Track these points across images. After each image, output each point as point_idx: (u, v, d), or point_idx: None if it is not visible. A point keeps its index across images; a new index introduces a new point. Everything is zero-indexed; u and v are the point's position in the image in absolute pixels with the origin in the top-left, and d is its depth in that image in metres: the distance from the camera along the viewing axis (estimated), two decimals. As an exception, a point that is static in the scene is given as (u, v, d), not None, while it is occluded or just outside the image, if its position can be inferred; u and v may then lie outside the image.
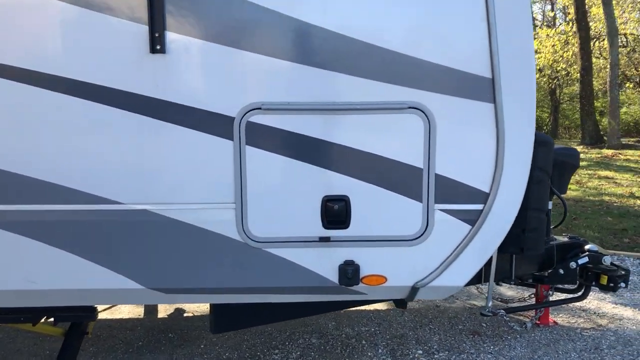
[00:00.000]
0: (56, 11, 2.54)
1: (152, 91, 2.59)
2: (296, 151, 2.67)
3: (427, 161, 2.68)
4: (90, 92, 2.57)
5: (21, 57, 2.55)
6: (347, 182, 2.69)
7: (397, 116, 2.65)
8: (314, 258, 2.76)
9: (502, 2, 2.57)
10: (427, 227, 2.73)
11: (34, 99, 2.57)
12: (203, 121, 2.62)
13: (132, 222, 2.68)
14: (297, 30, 2.60)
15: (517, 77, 2.64)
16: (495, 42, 2.59)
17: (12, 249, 2.66)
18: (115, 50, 2.56)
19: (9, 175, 2.61)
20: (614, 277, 3.97)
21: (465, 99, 2.65)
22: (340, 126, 2.66)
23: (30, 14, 2.55)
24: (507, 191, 2.71)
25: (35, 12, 2.56)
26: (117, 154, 2.63)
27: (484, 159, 2.69)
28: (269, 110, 2.62)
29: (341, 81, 2.62)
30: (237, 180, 2.66)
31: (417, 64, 2.62)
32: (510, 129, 2.65)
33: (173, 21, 2.55)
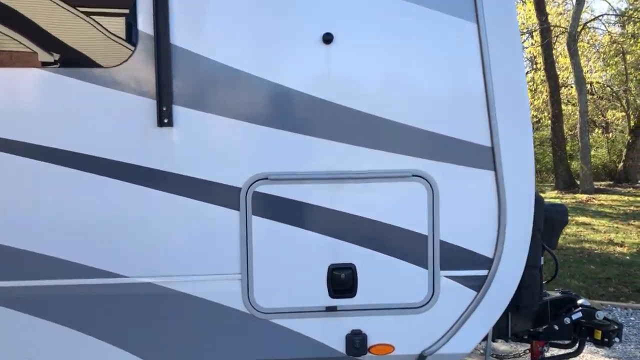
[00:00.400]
0: (63, 85, 2.55)
1: (159, 163, 2.59)
2: (302, 220, 2.68)
3: (431, 228, 2.71)
4: (96, 165, 2.56)
5: (27, 131, 2.54)
6: (353, 250, 2.70)
7: (401, 184, 2.69)
8: (321, 328, 2.74)
9: (500, 78, 2.67)
10: (433, 294, 2.74)
11: (40, 172, 2.55)
12: (209, 192, 2.62)
13: (137, 296, 2.64)
14: (302, 102, 2.65)
15: (516, 145, 2.71)
16: (494, 113, 2.67)
17: (13, 327, 2.58)
18: (122, 124, 2.57)
19: (11, 251, 2.55)
20: (608, 332, 3.98)
21: (467, 167, 2.70)
22: (346, 194, 2.69)
23: (39, 88, 2.56)
24: (510, 256, 2.75)
25: (42, 87, 2.56)
26: (122, 227, 2.61)
27: (487, 224, 2.74)
28: (276, 180, 2.64)
29: (346, 151, 2.66)
30: (243, 250, 2.65)
31: (419, 134, 2.68)
32: (511, 195, 2.71)
33: (180, 95, 2.58)
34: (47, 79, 2.56)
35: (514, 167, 2.71)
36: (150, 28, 2.56)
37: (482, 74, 2.68)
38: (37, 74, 2.57)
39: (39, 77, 2.57)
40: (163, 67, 2.55)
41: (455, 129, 2.69)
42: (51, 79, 2.56)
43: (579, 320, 4.05)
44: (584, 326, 4.06)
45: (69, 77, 2.55)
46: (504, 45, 2.68)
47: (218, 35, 2.62)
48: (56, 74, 2.56)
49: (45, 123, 2.56)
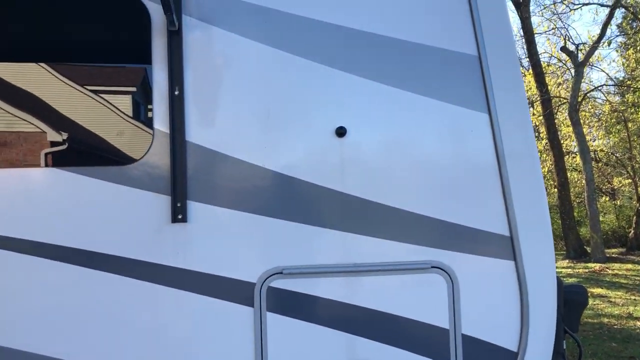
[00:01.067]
0: (72, 182, 2.56)
1: (172, 260, 2.55)
2: (318, 316, 2.60)
3: (452, 321, 2.62)
4: (108, 263, 2.52)
5: (38, 230, 2.52)
6: (372, 346, 2.60)
7: (420, 276, 2.64)
8: None
9: (515, 169, 2.66)
10: (457, 392, 2.62)
11: (51, 272, 2.51)
12: (222, 288, 2.57)
13: (149, 400, 2.53)
14: (316, 195, 2.63)
15: (535, 234, 2.67)
16: (511, 202, 2.64)
17: None
18: (137, 222, 2.55)
19: (15, 354, 2.47)
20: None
21: (486, 257, 2.65)
22: (363, 288, 2.63)
23: (50, 187, 2.56)
24: (535, 348, 2.65)
25: (51, 186, 2.57)
26: (135, 325, 2.54)
27: (510, 316, 2.65)
28: (291, 274, 2.58)
29: (362, 243, 2.62)
30: (257, 349, 2.56)
31: (437, 224, 2.65)
32: (533, 285, 2.64)
33: (194, 191, 2.57)
34: (56, 179, 2.56)
35: (534, 256, 2.65)
36: (165, 125, 2.59)
37: (497, 165, 2.67)
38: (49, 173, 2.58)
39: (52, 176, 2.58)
40: (178, 163, 2.56)
41: (473, 219, 2.66)
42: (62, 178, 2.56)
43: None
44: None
45: (75, 174, 2.55)
46: (518, 137, 2.70)
47: (232, 130, 2.64)
48: (71, 172, 2.56)
49: (59, 222, 2.54)
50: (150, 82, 2.68)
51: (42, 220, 2.54)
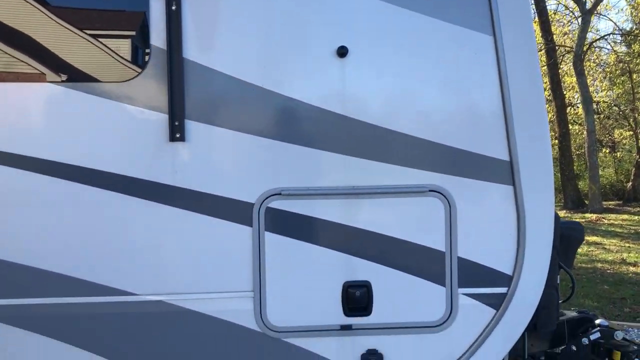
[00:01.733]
0: (74, 100, 2.52)
1: (170, 179, 2.55)
2: (316, 236, 2.62)
3: (449, 244, 2.64)
4: (107, 181, 2.52)
5: (37, 146, 2.50)
6: (369, 267, 2.63)
7: (418, 199, 2.64)
8: (335, 348, 2.66)
9: (518, 91, 2.62)
10: (451, 312, 2.66)
11: (48, 188, 2.50)
12: (221, 208, 2.57)
13: (147, 314, 2.57)
14: (316, 116, 2.60)
15: (535, 159, 2.65)
16: (512, 127, 2.62)
17: (19, 346, 2.52)
18: (133, 139, 2.53)
19: (18, 268, 2.50)
20: (628, 352, 3.87)
21: (485, 182, 2.65)
22: (361, 210, 2.63)
23: (48, 102, 2.53)
24: (530, 273, 2.68)
25: (51, 101, 2.53)
26: (132, 243, 2.56)
27: (506, 241, 2.67)
28: (289, 195, 2.58)
29: (361, 166, 2.61)
30: (255, 267, 2.59)
31: (436, 148, 2.63)
32: (531, 210, 2.64)
33: (192, 109, 2.54)
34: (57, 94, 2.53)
35: (533, 182, 2.65)
36: (162, 42, 2.53)
37: (499, 88, 2.63)
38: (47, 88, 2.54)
39: (49, 92, 2.54)
40: (175, 80, 2.52)
41: (472, 143, 2.64)
42: (62, 93, 2.52)
43: (597, 341, 3.95)
44: (602, 347, 3.95)
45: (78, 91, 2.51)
46: (522, 58, 2.64)
47: (231, 48, 2.59)
48: (67, 88, 2.52)
49: (52, 137, 2.52)
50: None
51: (40, 135, 2.52)
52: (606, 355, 3.95)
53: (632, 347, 3.89)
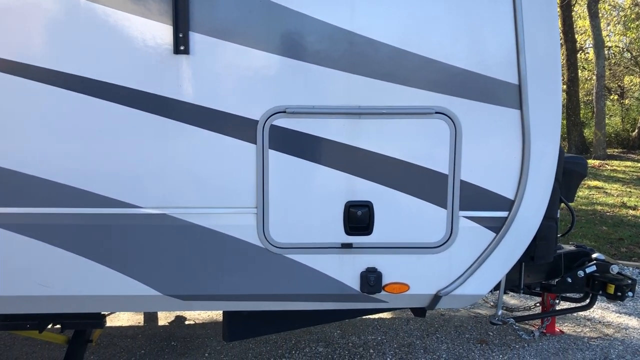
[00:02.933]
0: (78, 10, 2.47)
1: (175, 93, 2.52)
2: (320, 156, 2.62)
3: (452, 167, 2.65)
4: (111, 92, 2.50)
5: (41, 56, 2.47)
6: (371, 187, 2.65)
7: (424, 121, 2.62)
8: (336, 265, 2.71)
9: (530, 9, 2.55)
10: (451, 234, 2.69)
11: (54, 99, 2.49)
12: (226, 124, 2.56)
13: (151, 227, 2.61)
14: (323, 32, 2.55)
15: (544, 84, 2.62)
16: (523, 48, 2.57)
17: (26, 253, 2.57)
18: (137, 51, 2.49)
19: (26, 178, 2.52)
20: (622, 286, 3.95)
21: (492, 105, 2.62)
22: (365, 131, 2.62)
23: (51, 13, 2.48)
24: (531, 199, 2.69)
25: (57, 12, 2.48)
26: (137, 156, 2.57)
27: (510, 166, 2.67)
28: (294, 113, 2.56)
29: (367, 85, 2.58)
30: (259, 184, 2.61)
31: (444, 69, 2.59)
32: (536, 137, 2.63)
33: (197, 22, 2.49)
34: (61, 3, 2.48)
35: (541, 107, 2.62)
36: (167, -51, 2.45)
37: (512, 7, 2.56)
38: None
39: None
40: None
41: (481, 65, 2.59)
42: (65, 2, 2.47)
43: (592, 274, 4.02)
44: (597, 280, 4.03)
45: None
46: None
47: (237, -42, 2.50)
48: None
49: (58, 48, 2.48)
50: None
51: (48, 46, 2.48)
52: (600, 287, 4.03)
53: (626, 281, 3.96)
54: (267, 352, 4.06)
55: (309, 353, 4.04)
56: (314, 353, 4.04)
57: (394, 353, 4.05)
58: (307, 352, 4.06)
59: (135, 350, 4.10)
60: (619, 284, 3.95)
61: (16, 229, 2.55)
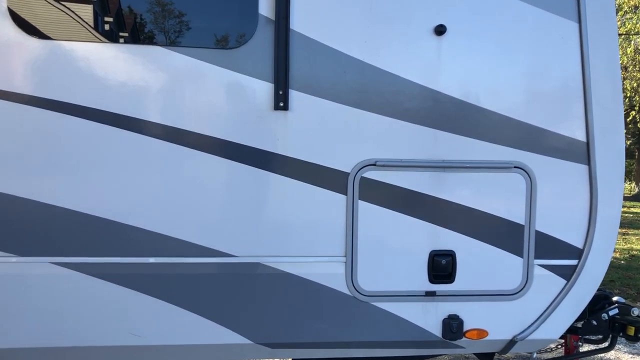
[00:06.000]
0: (184, 67, 2.58)
1: (273, 146, 2.63)
2: (406, 206, 2.75)
3: (528, 218, 2.81)
4: (213, 146, 2.59)
5: (153, 112, 2.56)
6: (454, 237, 2.78)
7: (503, 175, 2.79)
8: (420, 312, 2.81)
9: (598, 77, 2.79)
10: (527, 281, 2.84)
11: (159, 151, 2.56)
12: (319, 176, 2.68)
13: (245, 275, 2.67)
14: (412, 91, 2.72)
15: (609, 142, 2.83)
16: (591, 109, 2.79)
17: (121, 303, 2.59)
18: (240, 107, 2.61)
19: (123, 228, 2.56)
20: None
21: (563, 161, 2.82)
22: (449, 183, 2.77)
23: (163, 74, 2.58)
24: (599, 247, 2.87)
25: (167, 73, 2.60)
26: (234, 206, 2.64)
27: (579, 217, 2.85)
28: (383, 166, 2.70)
29: (451, 140, 2.75)
30: (348, 234, 2.71)
31: (521, 127, 2.78)
32: (603, 189, 2.83)
33: (296, 80, 2.63)
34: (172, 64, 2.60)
35: (607, 162, 2.83)
36: (271, 12, 2.60)
37: (581, 72, 2.79)
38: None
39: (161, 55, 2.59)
40: (281, 51, 2.60)
41: (554, 124, 2.80)
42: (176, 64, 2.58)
43: (614, 316, 4.22)
44: (618, 322, 4.22)
45: (186, 56, 2.57)
46: (603, 46, 2.81)
47: (335, 22, 2.67)
48: (179, 53, 2.57)
49: (167, 102, 2.58)
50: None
51: (145, 98, 2.57)
52: (621, 329, 4.22)
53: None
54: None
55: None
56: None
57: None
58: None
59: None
60: (638, 325, 4.16)
61: (114, 279, 2.58)
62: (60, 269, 2.56)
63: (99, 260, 2.58)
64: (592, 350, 4.49)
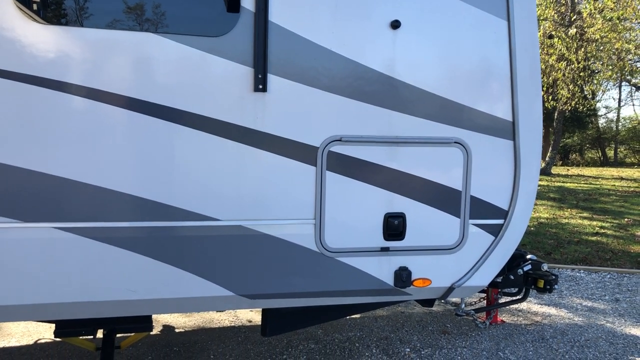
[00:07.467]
0: (181, 57, 2.91)
1: (253, 123, 3.01)
2: (366, 176, 3.22)
3: (465, 185, 3.37)
4: (200, 123, 2.93)
5: (149, 93, 2.87)
6: (404, 201, 3.29)
7: (444, 149, 3.32)
8: (376, 265, 3.31)
9: (523, 66, 3.36)
10: (463, 238, 3.41)
11: (156, 128, 2.87)
12: (292, 150, 3.08)
13: (228, 236, 3.05)
14: (371, 77, 3.16)
15: (530, 121, 3.42)
16: (516, 94, 3.36)
17: (118, 263, 2.91)
18: (224, 88, 2.96)
19: (125, 196, 2.87)
20: (550, 280, 4.90)
21: (494, 137, 3.38)
22: (401, 156, 3.26)
23: (160, 58, 2.89)
24: (520, 209, 3.48)
25: (163, 57, 2.90)
26: (219, 176, 3.00)
27: (506, 183, 3.44)
28: (347, 141, 3.15)
29: (403, 120, 3.23)
30: (317, 199, 3.15)
31: (460, 108, 3.31)
32: (525, 161, 3.42)
33: (274, 65, 3.01)
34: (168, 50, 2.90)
35: (528, 138, 3.42)
36: (252, 4, 2.95)
37: (509, 63, 3.35)
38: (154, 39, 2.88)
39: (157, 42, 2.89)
40: (260, 39, 2.96)
41: (488, 106, 3.35)
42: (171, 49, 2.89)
43: (528, 272, 4.94)
44: (531, 277, 4.95)
45: (182, 44, 2.89)
46: (527, 40, 3.37)
47: (307, 15, 3.05)
48: (170, 40, 2.88)
49: (163, 86, 2.89)
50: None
51: (141, 79, 2.87)
52: (533, 282, 4.96)
53: (552, 277, 4.93)
54: (266, 351, 4.52)
55: (304, 350, 4.56)
56: (308, 349, 4.57)
57: (376, 345, 4.69)
58: (302, 349, 4.58)
59: (142, 357, 4.37)
60: (547, 279, 4.90)
61: (111, 242, 2.89)
62: (64, 233, 2.84)
63: (100, 225, 2.88)
64: (508, 301, 5.23)
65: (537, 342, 4.83)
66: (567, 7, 18.07)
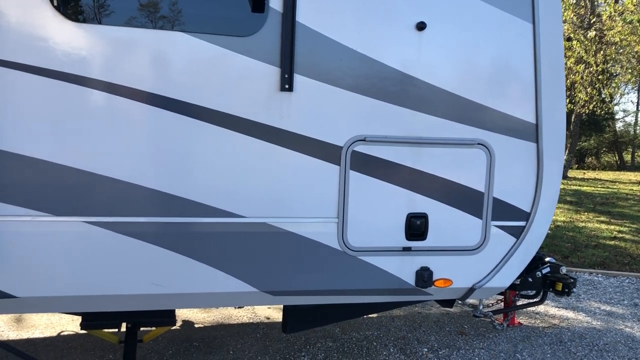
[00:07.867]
0: (210, 55, 2.96)
1: (279, 122, 3.05)
2: (389, 176, 3.25)
3: (487, 186, 3.38)
4: (230, 121, 2.97)
5: (177, 91, 2.92)
6: (427, 202, 3.32)
7: (468, 150, 3.33)
8: (398, 264, 3.34)
9: (547, 69, 3.37)
10: (485, 239, 3.43)
11: (184, 126, 2.93)
12: (317, 149, 3.12)
13: (253, 233, 3.10)
14: (396, 78, 3.19)
15: (553, 124, 3.43)
16: (540, 96, 3.37)
17: (145, 257, 2.96)
18: (251, 87, 3.00)
19: (152, 192, 2.93)
20: (568, 283, 4.89)
21: (517, 139, 3.39)
22: (424, 156, 3.28)
23: (190, 57, 2.94)
24: (542, 211, 3.49)
25: (193, 56, 2.95)
26: (245, 174, 3.04)
27: (528, 185, 3.45)
28: (371, 141, 3.18)
29: (427, 121, 3.25)
30: (340, 198, 3.18)
31: (484, 110, 3.33)
32: (547, 163, 3.43)
33: (300, 65, 3.04)
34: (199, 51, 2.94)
35: (551, 141, 3.43)
36: (279, 5, 2.99)
37: (534, 65, 3.36)
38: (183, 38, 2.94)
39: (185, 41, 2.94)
40: (288, 39, 3.00)
41: (511, 108, 3.37)
42: (195, 43, 2.93)
43: (546, 274, 4.94)
44: (549, 279, 4.95)
45: (211, 44, 2.93)
46: (552, 43, 3.38)
47: (334, 16, 3.09)
48: (200, 39, 2.93)
49: (191, 86, 2.93)
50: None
51: (170, 78, 2.92)
52: (551, 285, 4.96)
53: (570, 280, 4.92)
54: (284, 348, 4.56)
55: (322, 347, 4.60)
56: (326, 347, 4.60)
57: (394, 344, 4.72)
58: (320, 346, 4.62)
59: (163, 351, 4.44)
60: (565, 282, 4.90)
61: (140, 237, 2.95)
62: (93, 227, 2.90)
63: (129, 220, 2.93)
64: (526, 303, 5.23)
65: (555, 345, 4.83)
66: (586, 10, 17.99)
